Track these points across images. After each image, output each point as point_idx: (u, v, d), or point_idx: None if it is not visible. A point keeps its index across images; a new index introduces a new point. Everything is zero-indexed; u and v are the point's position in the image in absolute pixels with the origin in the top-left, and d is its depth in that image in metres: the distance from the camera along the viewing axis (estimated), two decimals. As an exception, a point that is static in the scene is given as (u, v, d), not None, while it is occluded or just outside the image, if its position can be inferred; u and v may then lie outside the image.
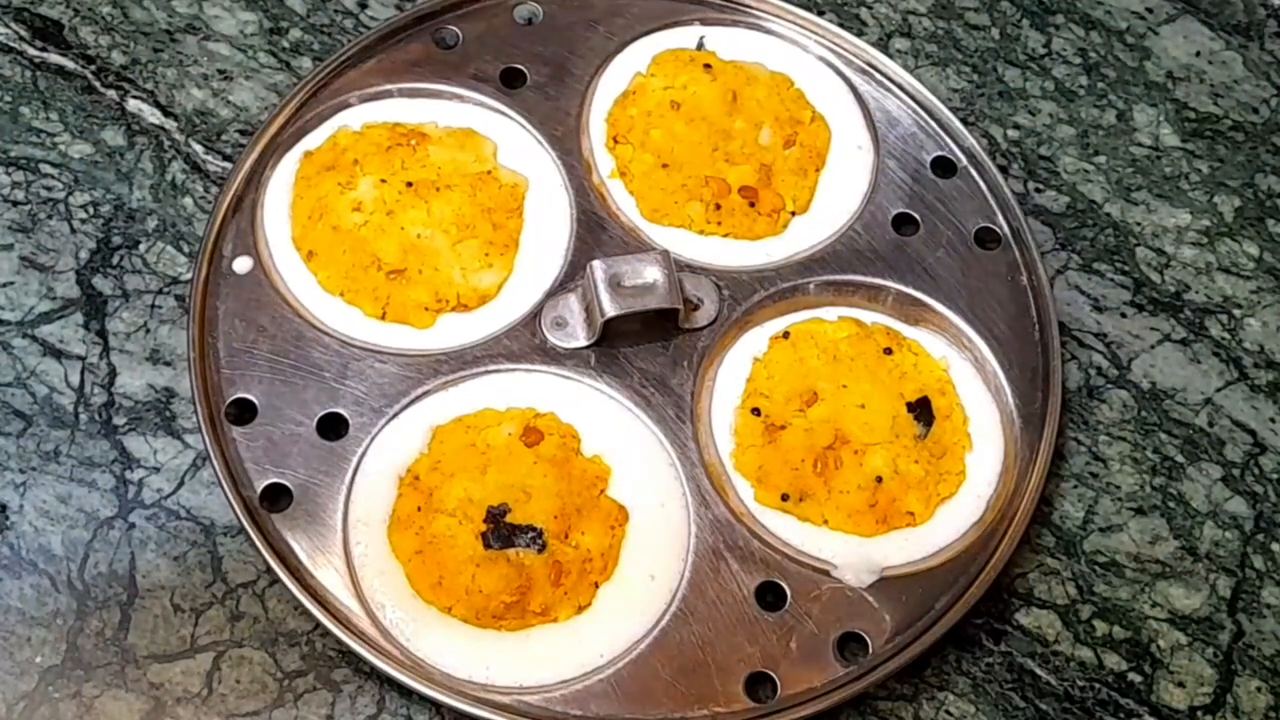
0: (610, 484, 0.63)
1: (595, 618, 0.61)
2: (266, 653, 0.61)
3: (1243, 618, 0.66)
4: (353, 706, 0.60)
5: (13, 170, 0.71)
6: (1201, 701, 0.64)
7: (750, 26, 0.77)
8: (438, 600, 0.60)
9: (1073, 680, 0.64)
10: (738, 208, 0.71)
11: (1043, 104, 0.80)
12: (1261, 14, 0.84)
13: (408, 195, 0.68)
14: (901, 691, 0.63)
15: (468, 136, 0.71)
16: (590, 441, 0.64)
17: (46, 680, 0.60)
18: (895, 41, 0.81)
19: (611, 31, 0.75)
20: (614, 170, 0.72)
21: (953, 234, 0.72)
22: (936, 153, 0.74)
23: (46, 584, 0.61)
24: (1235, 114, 0.81)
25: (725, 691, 0.60)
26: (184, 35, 0.76)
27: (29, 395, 0.65)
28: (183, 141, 0.73)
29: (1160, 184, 0.78)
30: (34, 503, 0.63)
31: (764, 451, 0.65)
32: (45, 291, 0.68)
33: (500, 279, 0.68)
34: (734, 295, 0.69)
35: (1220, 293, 0.75)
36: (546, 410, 0.65)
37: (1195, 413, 0.71)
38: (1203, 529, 0.68)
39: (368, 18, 0.78)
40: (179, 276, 0.69)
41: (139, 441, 0.65)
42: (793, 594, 0.62)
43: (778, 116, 0.73)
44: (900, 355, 0.67)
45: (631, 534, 0.62)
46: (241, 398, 0.64)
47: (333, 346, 0.65)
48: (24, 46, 0.74)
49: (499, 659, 0.60)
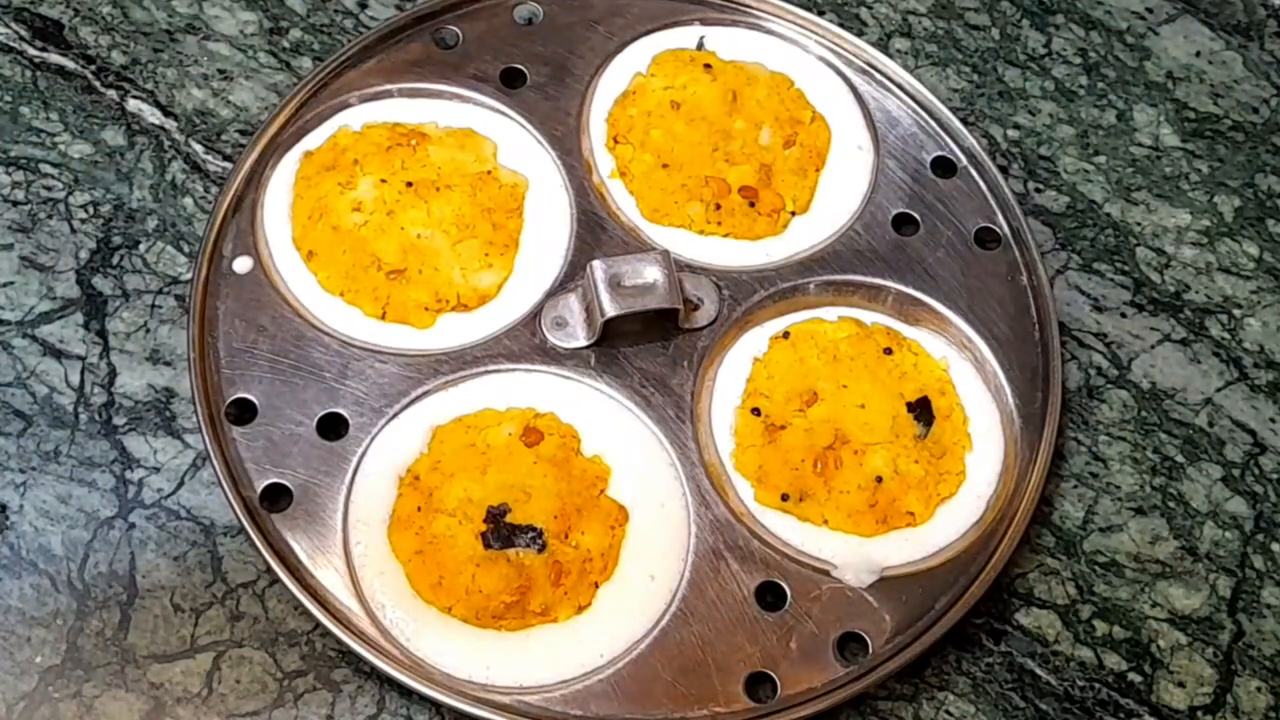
0: (610, 484, 0.63)
1: (595, 618, 0.61)
2: (266, 653, 0.61)
3: (1243, 618, 0.66)
4: (353, 706, 0.60)
5: (13, 170, 0.71)
6: (1201, 701, 0.64)
7: (750, 26, 0.77)
8: (438, 600, 0.60)
9: (1073, 680, 0.64)
10: (738, 208, 0.71)
11: (1043, 104, 0.80)
12: (1261, 14, 0.84)
13: (408, 195, 0.68)
14: (901, 691, 0.63)
15: (468, 136, 0.71)
16: (590, 441, 0.64)
17: (46, 680, 0.60)
18: (895, 41, 0.81)
19: (611, 31, 0.75)
20: (614, 170, 0.72)
21: (953, 234, 0.72)
22: (936, 153, 0.74)
23: (46, 584, 0.61)
24: (1235, 114, 0.81)
25: (725, 691, 0.60)
26: (184, 35, 0.76)
27: (29, 395, 0.65)
28: (183, 141, 0.73)
29: (1160, 184, 0.78)
30: (34, 503, 0.63)
31: (764, 451, 0.65)
32: (45, 291, 0.68)
33: (500, 279, 0.68)
34: (734, 295, 0.69)
35: (1220, 293, 0.75)
36: (546, 410, 0.65)
37: (1195, 413, 0.71)
38: (1203, 529, 0.68)
39: (368, 18, 0.78)
40: (179, 276, 0.69)
41: (139, 441, 0.65)
42: (793, 594, 0.62)
43: (778, 116, 0.73)
44: (900, 355, 0.67)
45: (631, 534, 0.62)
46: (241, 398, 0.64)
47: (333, 346, 0.65)
48: (24, 46, 0.74)
49: (499, 659, 0.60)
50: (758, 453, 0.65)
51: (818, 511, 0.64)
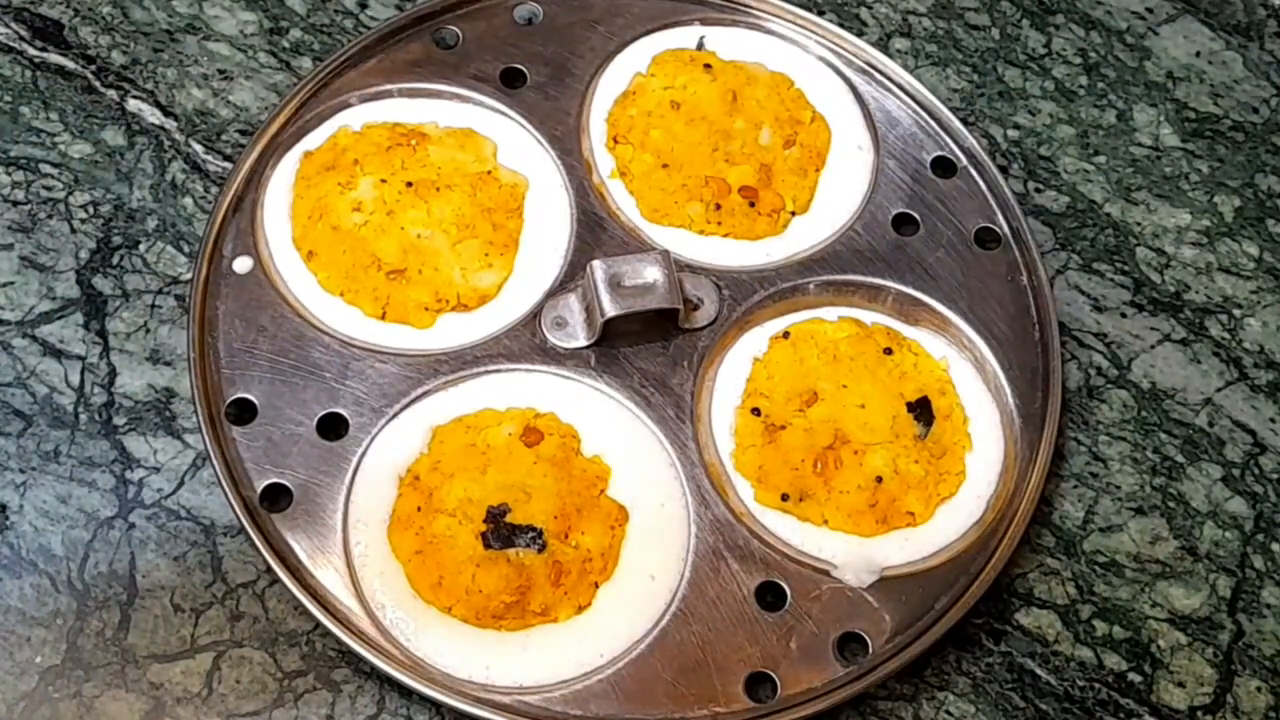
0: (610, 484, 0.63)
1: (595, 618, 0.61)
2: (266, 653, 0.61)
3: (1243, 618, 0.66)
4: (353, 706, 0.60)
5: (13, 170, 0.71)
6: (1201, 701, 0.64)
7: (750, 26, 0.77)
8: (437, 600, 0.60)
9: (1073, 680, 0.64)
10: (738, 208, 0.71)
11: (1043, 104, 0.80)
12: (1261, 14, 0.84)
13: (408, 195, 0.68)
14: (901, 691, 0.63)
15: (468, 136, 0.71)
16: (590, 441, 0.64)
17: (46, 680, 0.60)
18: (895, 41, 0.81)
19: (611, 31, 0.75)
20: (614, 170, 0.72)
21: (953, 234, 0.72)
22: (936, 153, 0.74)
23: (46, 584, 0.61)
24: (1235, 114, 0.81)
25: (725, 691, 0.60)
26: (184, 35, 0.76)
27: (29, 395, 0.65)
28: (183, 141, 0.73)
29: (1160, 184, 0.78)
30: (34, 503, 0.63)
31: (764, 451, 0.65)
32: (45, 291, 0.68)
33: (500, 279, 0.68)
34: (734, 295, 0.69)
35: (1220, 293, 0.75)
36: (546, 410, 0.65)
37: (1195, 413, 0.71)
38: (1203, 529, 0.68)
39: (368, 18, 0.78)
40: (179, 276, 0.69)
41: (139, 441, 0.65)
42: (793, 594, 0.62)
43: (778, 116, 0.73)
44: (900, 355, 0.67)
45: (631, 534, 0.62)
46: (241, 398, 0.64)
47: (333, 346, 0.65)
48: (24, 46, 0.74)
49: (499, 659, 0.60)
50: (757, 453, 0.65)
51: (818, 511, 0.64)
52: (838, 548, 0.63)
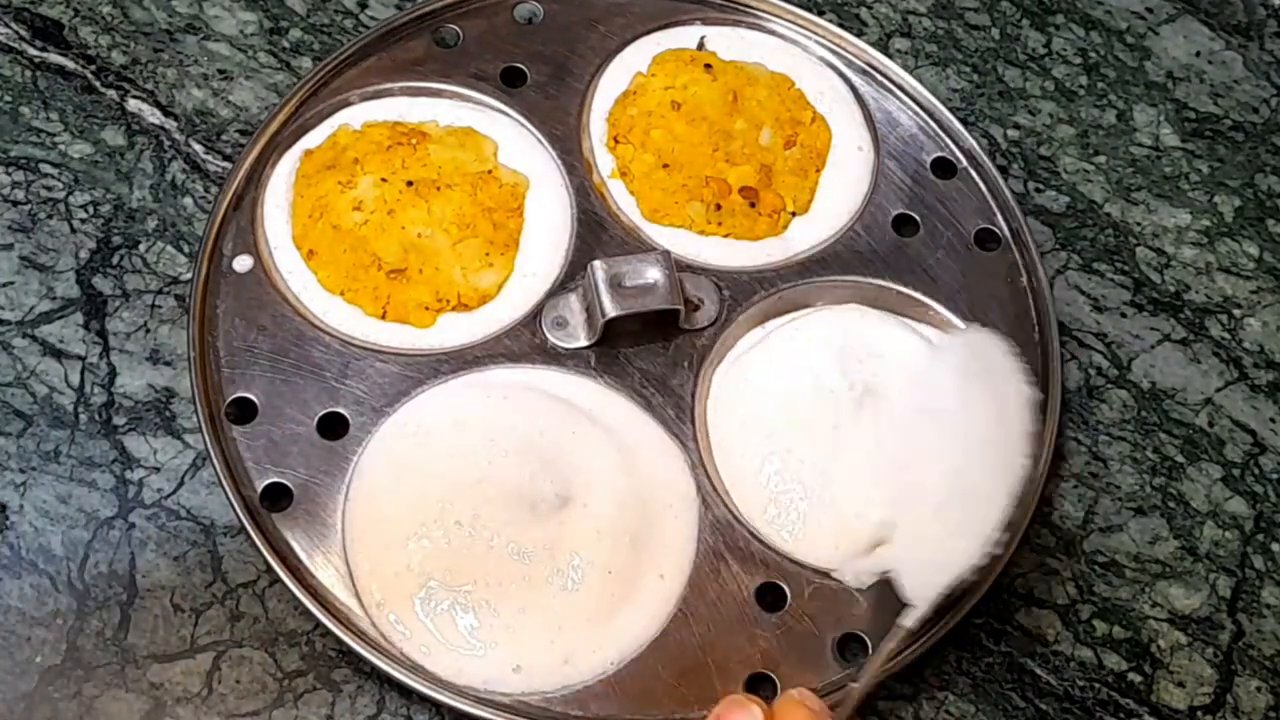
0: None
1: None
2: (266, 653, 0.61)
3: (1243, 618, 0.66)
4: (353, 706, 0.60)
5: (13, 170, 0.71)
6: (1201, 701, 0.64)
7: (751, 26, 0.77)
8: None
9: (1073, 680, 0.64)
10: (738, 208, 0.71)
11: (1043, 104, 0.80)
12: (1261, 14, 0.84)
13: (408, 194, 0.68)
14: (901, 691, 0.63)
15: (468, 136, 0.71)
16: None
17: (46, 680, 0.60)
18: (895, 41, 0.81)
19: (612, 31, 0.75)
20: (614, 170, 0.72)
21: (953, 235, 0.72)
22: (936, 153, 0.74)
23: (46, 584, 0.61)
24: (1235, 114, 0.81)
25: (725, 692, 0.60)
26: (184, 35, 0.76)
27: (29, 395, 0.65)
28: (183, 141, 0.73)
29: (1160, 184, 0.78)
30: (34, 503, 0.63)
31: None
32: (45, 291, 0.68)
33: (500, 279, 0.68)
34: (734, 295, 0.69)
35: (1220, 293, 0.75)
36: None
37: (1195, 413, 0.71)
38: (1203, 529, 0.68)
39: (368, 17, 0.78)
40: (179, 276, 0.69)
41: (139, 441, 0.65)
42: (793, 594, 0.62)
43: (778, 117, 0.73)
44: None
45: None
46: (241, 397, 0.64)
47: (333, 346, 0.65)
48: (24, 46, 0.74)
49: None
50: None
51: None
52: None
